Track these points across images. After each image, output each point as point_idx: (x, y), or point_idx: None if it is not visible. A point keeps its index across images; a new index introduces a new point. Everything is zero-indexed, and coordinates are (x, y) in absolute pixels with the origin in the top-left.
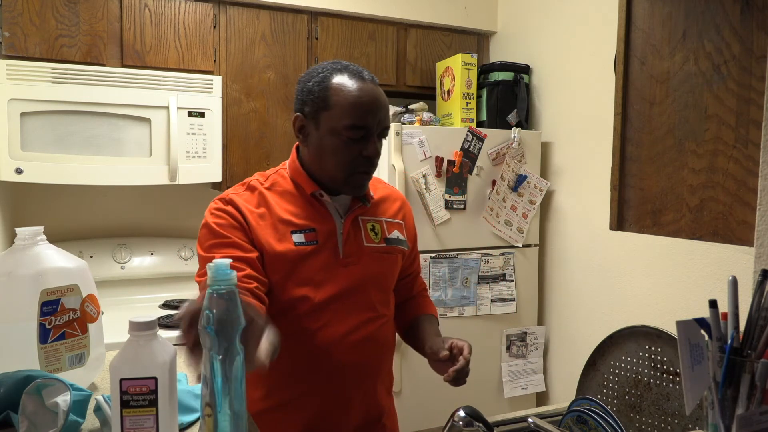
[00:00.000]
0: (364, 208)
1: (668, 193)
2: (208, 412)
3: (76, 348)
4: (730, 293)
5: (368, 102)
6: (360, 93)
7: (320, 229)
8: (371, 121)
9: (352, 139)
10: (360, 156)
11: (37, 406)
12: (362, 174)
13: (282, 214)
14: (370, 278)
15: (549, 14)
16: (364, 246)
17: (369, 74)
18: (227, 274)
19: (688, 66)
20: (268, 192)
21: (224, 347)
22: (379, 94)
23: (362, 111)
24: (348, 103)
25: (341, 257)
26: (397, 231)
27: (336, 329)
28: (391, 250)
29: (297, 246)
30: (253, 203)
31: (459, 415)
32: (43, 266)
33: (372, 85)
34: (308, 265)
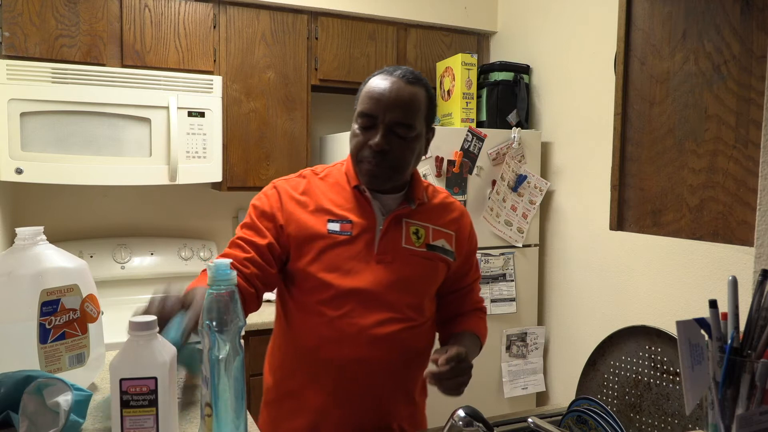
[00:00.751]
0: (409, 210)
1: (668, 193)
2: (208, 412)
3: (76, 348)
4: (730, 293)
5: (380, 92)
6: (378, 85)
7: (357, 222)
8: (378, 110)
9: (362, 126)
10: (366, 145)
11: (37, 406)
12: (367, 163)
13: (324, 202)
14: (401, 279)
15: (549, 14)
16: (402, 246)
17: (406, 72)
18: (227, 274)
19: (688, 66)
20: (319, 181)
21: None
22: (399, 88)
23: (372, 100)
24: (365, 92)
25: (375, 253)
26: (444, 240)
27: (354, 321)
28: (431, 257)
29: (330, 233)
30: (298, 190)
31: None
32: (43, 266)
33: (397, 79)
34: (338, 254)
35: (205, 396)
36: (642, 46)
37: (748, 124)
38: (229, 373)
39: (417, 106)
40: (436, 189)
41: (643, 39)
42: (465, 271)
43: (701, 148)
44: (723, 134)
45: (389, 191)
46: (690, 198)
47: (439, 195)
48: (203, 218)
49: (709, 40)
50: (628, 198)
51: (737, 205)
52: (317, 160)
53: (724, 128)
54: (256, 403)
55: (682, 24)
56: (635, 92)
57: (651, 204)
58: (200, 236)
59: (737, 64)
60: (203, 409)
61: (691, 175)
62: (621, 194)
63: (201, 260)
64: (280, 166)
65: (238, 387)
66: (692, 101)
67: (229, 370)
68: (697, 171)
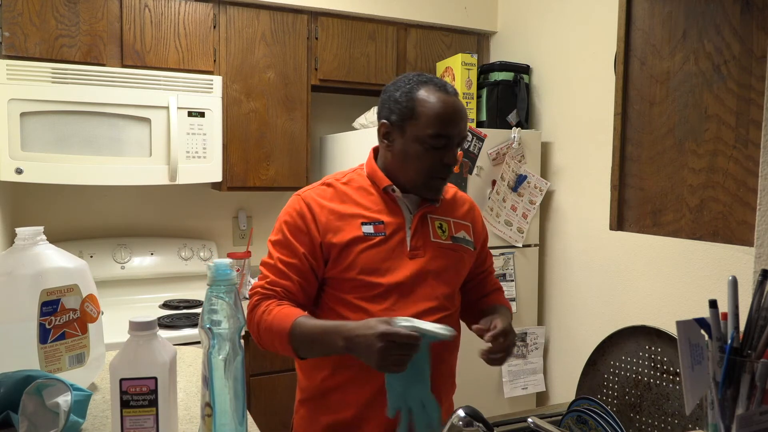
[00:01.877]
0: (433, 207)
1: (668, 193)
2: (208, 412)
3: (76, 348)
4: (730, 293)
5: (451, 113)
6: (444, 105)
7: (389, 222)
8: (453, 131)
9: (435, 147)
10: (440, 163)
11: (37, 406)
12: (440, 179)
13: (354, 207)
14: (435, 270)
15: (549, 14)
16: (431, 241)
17: (452, 87)
18: (227, 274)
19: (688, 66)
20: (345, 186)
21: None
22: (460, 107)
23: (445, 122)
24: (433, 113)
25: (408, 249)
26: (464, 232)
27: (398, 313)
28: (456, 248)
29: (365, 236)
30: (328, 198)
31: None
32: (43, 266)
33: (455, 98)
34: (375, 254)
35: (205, 396)
36: (642, 46)
37: (748, 124)
38: (229, 373)
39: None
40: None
41: (643, 39)
42: (483, 257)
43: (701, 148)
44: (723, 134)
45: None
46: (690, 198)
47: (450, 190)
48: (203, 218)
49: (709, 40)
50: (628, 198)
51: (737, 205)
52: (317, 160)
53: (724, 128)
54: (256, 403)
55: (682, 24)
56: (635, 92)
57: (651, 204)
58: (200, 236)
59: (737, 64)
60: (203, 409)
61: (691, 175)
62: (621, 194)
63: (201, 260)
64: (280, 166)
65: (238, 387)
66: (692, 101)
67: (229, 370)
68: (697, 171)
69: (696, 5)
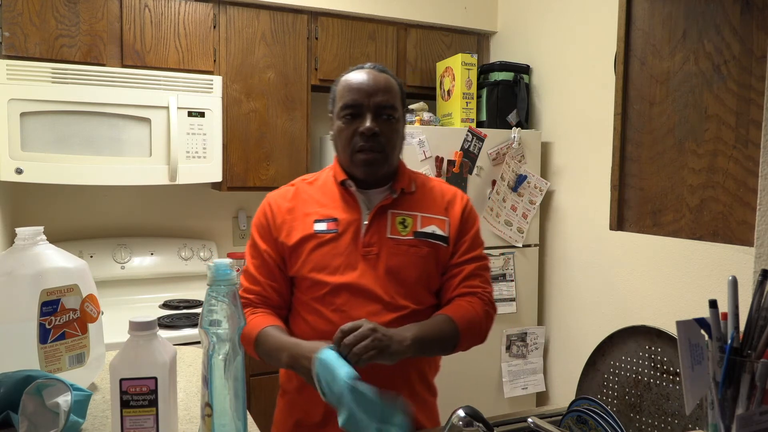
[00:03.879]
0: (393, 201)
1: (668, 193)
2: (208, 412)
3: (76, 348)
4: (730, 293)
5: (359, 82)
6: (354, 77)
7: (343, 219)
8: (362, 98)
9: (348, 118)
10: (357, 133)
11: (37, 406)
12: (362, 153)
13: (310, 205)
14: (388, 270)
15: (549, 14)
16: (386, 237)
17: (374, 64)
18: (227, 274)
19: (688, 66)
20: (307, 185)
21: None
22: (374, 76)
23: (353, 91)
24: (343, 88)
25: (361, 246)
26: (435, 226)
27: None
28: (416, 243)
29: (317, 233)
30: (289, 198)
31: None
32: (43, 266)
33: (370, 69)
34: (326, 252)
35: (205, 396)
36: (642, 46)
37: (748, 124)
38: (229, 373)
39: (395, 89)
40: (427, 177)
41: (643, 39)
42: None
43: (701, 148)
44: (723, 134)
45: (375, 185)
46: (690, 198)
47: (431, 182)
48: (203, 218)
49: (709, 40)
50: (628, 198)
51: (737, 205)
52: (317, 160)
53: (724, 128)
54: (256, 403)
55: (682, 24)
56: (635, 92)
57: (651, 204)
58: (200, 236)
59: (737, 64)
60: (203, 409)
61: (691, 175)
62: (621, 194)
63: (201, 260)
64: (280, 166)
65: (238, 387)
66: (692, 101)
67: (229, 370)
68: (697, 171)
69: (696, 5)
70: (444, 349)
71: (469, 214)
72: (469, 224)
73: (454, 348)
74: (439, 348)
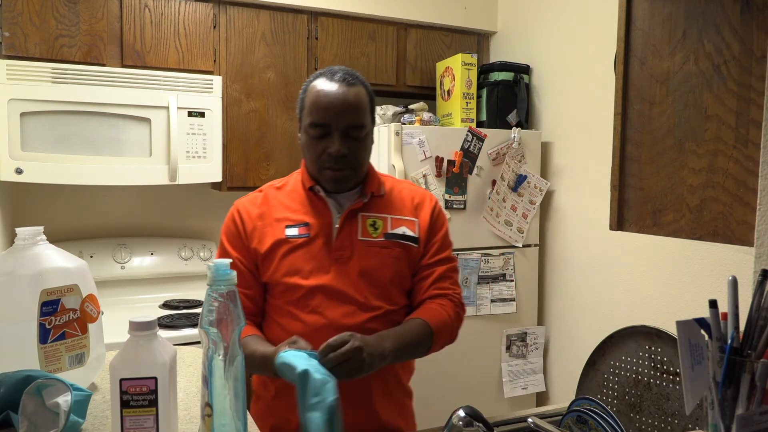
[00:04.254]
0: (363, 204)
1: (668, 193)
2: (208, 412)
3: (76, 348)
4: (730, 293)
5: (328, 101)
6: (322, 93)
7: (314, 223)
8: (330, 119)
9: (316, 136)
10: (325, 153)
11: (37, 406)
12: (330, 171)
13: (280, 211)
14: (360, 271)
15: (549, 14)
16: (357, 240)
17: (345, 75)
18: (227, 274)
19: (688, 66)
20: (276, 192)
21: (224, 347)
22: (344, 93)
23: (322, 109)
24: (311, 102)
25: (333, 250)
26: (405, 227)
27: (322, 315)
28: (388, 245)
29: (288, 238)
30: (258, 204)
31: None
32: (43, 266)
33: (340, 84)
34: (298, 256)
35: (205, 396)
36: (642, 46)
37: (748, 124)
38: (229, 373)
39: (363, 106)
40: (397, 180)
41: (643, 39)
42: (426, 252)
43: (701, 148)
44: (723, 134)
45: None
46: (690, 198)
47: (401, 184)
48: (203, 218)
49: (709, 40)
50: (628, 198)
51: (737, 205)
52: None
53: (724, 128)
54: None
55: (682, 24)
56: (635, 92)
57: (651, 204)
58: (200, 236)
59: (737, 64)
60: (203, 409)
61: (691, 175)
62: (621, 194)
63: (201, 260)
64: (280, 166)
65: (238, 387)
66: (692, 101)
67: (229, 370)
68: (697, 171)
69: (696, 5)
70: (419, 353)
71: (438, 215)
72: (438, 225)
73: (428, 350)
74: (414, 353)
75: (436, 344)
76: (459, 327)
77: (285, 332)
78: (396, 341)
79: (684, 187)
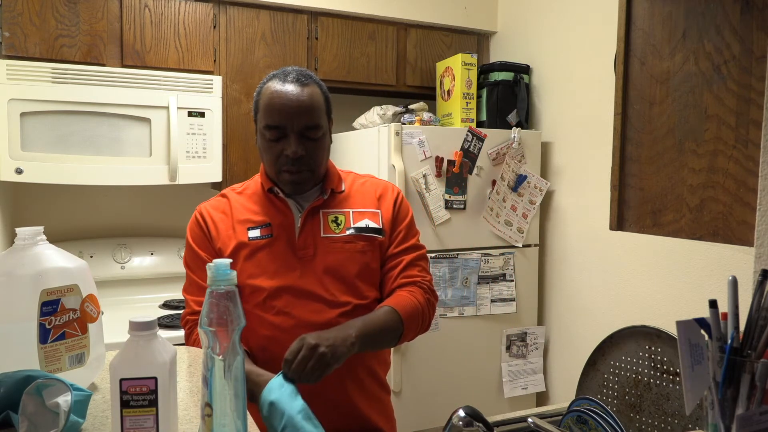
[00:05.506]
0: (323, 201)
1: (668, 193)
2: (208, 412)
3: (76, 348)
4: (730, 293)
5: (282, 103)
6: (274, 94)
7: (276, 224)
8: (285, 121)
9: (272, 139)
10: (282, 155)
11: (37, 406)
12: (288, 173)
13: (242, 214)
14: (325, 268)
15: (549, 14)
16: (320, 237)
17: (298, 75)
18: (227, 273)
19: (688, 66)
20: (238, 196)
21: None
22: (298, 94)
23: (276, 111)
24: (264, 104)
25: (296, 249)
26: (368, 220)
27: (290, 314)
28: (351, 239)
29: (251, 240)
30: (221, 209)
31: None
32: (43, 266)
33: (294, 85)
34: (261, 258)
35: (205, 396)
36: (642, 46)
37: (748, 124)
38: (229, 373)
39: (318, 105)
40: (358, 175)
41: (643, 39)
42: (391, 242)
43: (701, 148)
44: (723, 134)
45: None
46: (690, 198)
47: (362, 179)
48: None
49: (709, 40)
50: (628, 198)
51: (737, 205)
52: None
53: (724, 128)
54: None
55: (682, 24)
56: (635, 92)
57: (651, 204)
58: None
59: (737, 64)
60: (203, 409)
61: (691, 175)
62: (621, 194)
63: None
64: None
65: (238, 387)
66: (692, 101)
67: (229, 370)
68: (697, 171)
69: (696, 5)
70: (390, 340)
71: (401, 204)
72: (402, 214)
73: (400, 339)
74: (385, 340)
75: (408, 331)
76: (432, 314)
77: (254, 335)
78: (362, 327)
79: (684, 187)
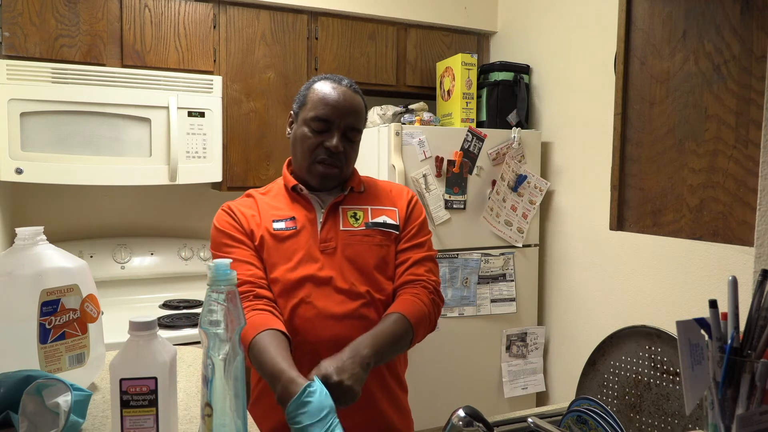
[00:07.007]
0: (344, 197)
1: (668, 193)
2: (208, 412)
3: (76, 348)
4: (730, 293)
5: (334, 99)
6: (329, 91)
7: (299, 217)
8: (334, 116)
9: (317, 130)
10: (321, 146)
11: (37, 406)
12: (322, 164)
13: (269, 210)
14: (346, 260)
15: (549, 14)
16: (340, 230)
17: (350, 82)
18: (227, 274)
19: (688, 66)
20: (263, 197)
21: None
22: (350, 97)
23: (329, 105)
24: (317, 98)
25: (319, 241)
26: (386, 216)
27: (312, 305)
28: (369, 233)
29: (276, 231)
30: (248, 206)
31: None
32: (43, 266)
33: (346, 88)
34: (286, 248)
35: (205, 396)
36: (642, 46)
37: (748, 124)
38: (229, 373)
39: (362, 112)
40: (377, 180)
41: (643, 39)
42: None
43: (701, 148)
44: (723, 134)
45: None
46: (690, 198)
47: (380, 182)
48: (203, 218)
49: (709, 40)
50: (628, 198)
51: (737, 205)
52: None
53: (724, 128)
54: None
55: (682, 24)
56: (635, 92)
57: (651, 204)
58: (200, 236)
59: (737, 64)
60: (203, 409)
61: (691, 175)
62: (621, 194)
63: (201, 260)
64: (280, 166)
65: (238, 387)
66: (692, 101)
67: (229, 370)
68: (697, 171)
69: (696, 5)
70: (402, 347)
71: (415, 205)
72: (415, 214)
73: (410, 344)
74: (398, 348)
75: (417, 336)
76: (438, 314)
77: None
78: (374, 344)
79: (684, 187)
